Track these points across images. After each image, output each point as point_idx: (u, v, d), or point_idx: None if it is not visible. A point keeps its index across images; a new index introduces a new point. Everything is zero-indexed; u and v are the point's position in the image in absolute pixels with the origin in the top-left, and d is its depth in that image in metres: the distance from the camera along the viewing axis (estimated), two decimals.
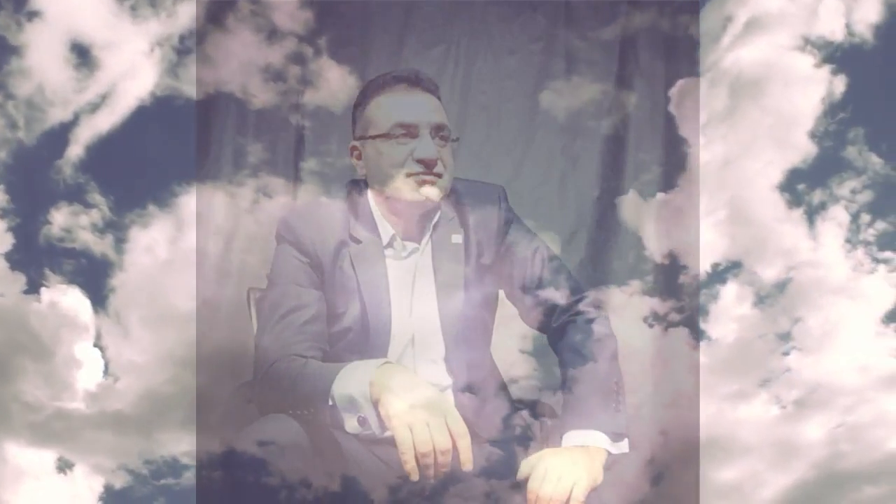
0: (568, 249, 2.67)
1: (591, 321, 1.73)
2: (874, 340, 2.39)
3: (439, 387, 1.68)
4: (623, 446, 1.60)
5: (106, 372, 2.79)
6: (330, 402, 1.46)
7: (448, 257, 1.73)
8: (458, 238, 1.75)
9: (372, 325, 1.68)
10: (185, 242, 2.61)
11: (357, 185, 1.78)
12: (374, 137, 1.69)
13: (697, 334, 1.79)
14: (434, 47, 2.83)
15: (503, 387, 1.82)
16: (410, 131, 1.66)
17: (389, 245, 1.73)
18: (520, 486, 1.52)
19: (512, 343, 1.74)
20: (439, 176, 1.66)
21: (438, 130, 1.68)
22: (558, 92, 2.59)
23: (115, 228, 2.76)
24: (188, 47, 2.57)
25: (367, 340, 1.68)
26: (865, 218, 2.48)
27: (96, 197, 2.71)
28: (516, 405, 1.83)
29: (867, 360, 2.36)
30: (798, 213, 2.35)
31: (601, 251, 2.70)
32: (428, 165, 1.64)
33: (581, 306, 1.76)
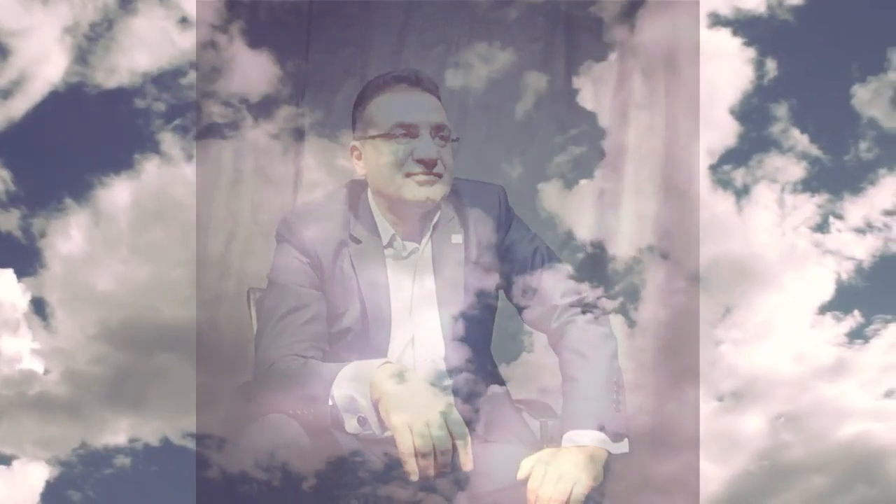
0: (567, 249, 2.67)
1: (591, 321, 1.73)
2: (809, 327, 2.34)
3: (439, 387, 1.68)
4: (623, 446, 1.60)
5: (28, 355, 2.78)
6: (330, 402, 1.46)
7: (448, 257, 1.74)
8: (458, 238, 1.75)
9: (372, 325, 1.68)
10: (102, 225, 2.61)
11: (357, 185, 1.78)
12: (373, 137, 1.69)
13: (631, 323, 1.77)
14: (434, 47, 2.83)
15: (504, 387, 1.82)
16: (410, 131, 1.66)
17: (389, 245, 1.73)
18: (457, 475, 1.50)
19: (444, 329, 1.70)
20: (439, 176, 1.66)
21: (438, 130, 1.68)
22: (466, 68, 2.55)
23: (20, 203, 2.73)
24: (99, 34, 2.56)
25: (367, 340, 1.68)
26: (793, 199, 2.43)
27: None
28: (516, 405, 1.83)
29: (803, 349, 2.32)
30: (725, 193, 2.30)
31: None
32: (428, 165, 1.64)
33: (581, 306, 1.75)
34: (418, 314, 1.71)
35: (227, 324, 2.42)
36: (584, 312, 1.75)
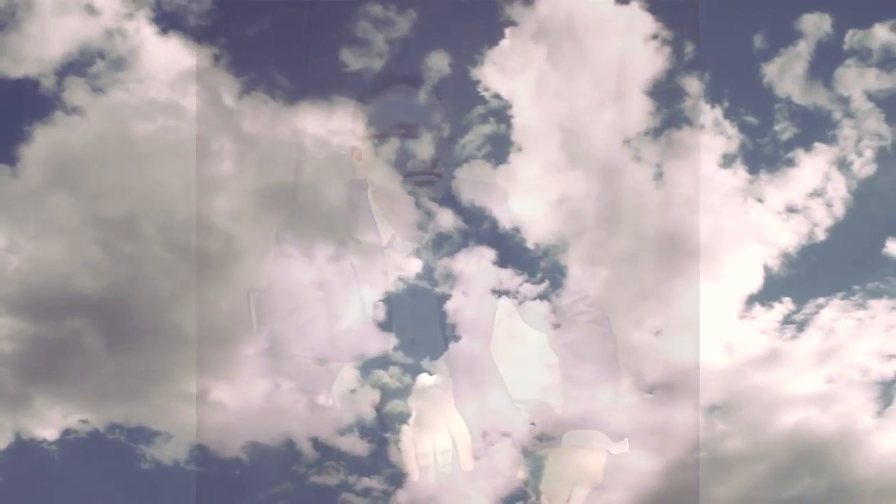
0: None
1: (591, 321, 1.74)
2: (738, 317, 2.28)
3: (439, 387, 1.68)
4: (623, 446, 1.61)
5: None
6: (330, 402, 1.46)
7: (448, 257, 1.74)
8: (458, 238, 1.76)
9: (372, 324, 1.69)
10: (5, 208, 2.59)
11: (357, 185, 1.79)
12: (374, 137, 1.69)
13: (555, 309, 1.75)
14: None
15: (503, 386, 1.82)
16: (410, 131, 1.66)
17: (389, 245, 1.73)
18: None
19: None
20: (439, 176, 1.67)
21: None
22: (361, 52, 2.49)
23: None
24: (3, 22, 2.53)
25: (367, 340, 1.68)
26: (712, 179, 2.37)
27: None
28: (516, 405, 1.84)
29: (733, 338, 2.26)
30: (642, 174, 2.22)
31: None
32: (428, 165, 1.65)
33: (581, 306, 1.76)
34: (418, 314, 1.72)
35: (226, 324, 2.41)
36: (584, 312, 1.75)
